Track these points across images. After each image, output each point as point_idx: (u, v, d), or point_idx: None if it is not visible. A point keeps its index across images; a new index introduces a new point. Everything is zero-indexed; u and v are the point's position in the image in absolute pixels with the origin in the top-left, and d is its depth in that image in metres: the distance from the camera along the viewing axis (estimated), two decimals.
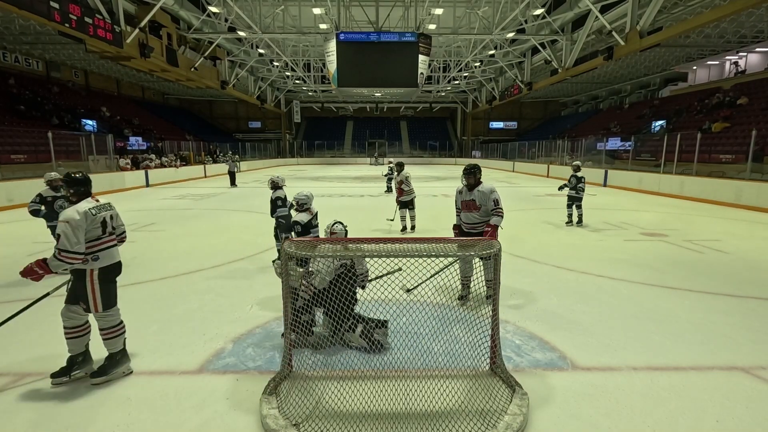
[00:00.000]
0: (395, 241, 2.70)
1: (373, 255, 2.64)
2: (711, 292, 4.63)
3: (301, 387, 2.72)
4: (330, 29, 18.15)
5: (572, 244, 6.99)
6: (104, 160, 16.93)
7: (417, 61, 16.42)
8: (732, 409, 2.58)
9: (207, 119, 43.30)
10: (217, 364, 3.08)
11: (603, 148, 20.12)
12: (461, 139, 45.18)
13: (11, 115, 18.14)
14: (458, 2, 19.24)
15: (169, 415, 2.50)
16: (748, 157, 12.63)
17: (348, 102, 42.99)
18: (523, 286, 4.82)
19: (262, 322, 3.80)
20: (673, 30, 13.59)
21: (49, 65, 24.71)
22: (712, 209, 11.01)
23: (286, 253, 2.71)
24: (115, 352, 2.93)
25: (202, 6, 17.89)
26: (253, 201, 12.83)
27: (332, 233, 3.48)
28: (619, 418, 2.48)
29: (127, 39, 14.05)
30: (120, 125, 24.91)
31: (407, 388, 2.69)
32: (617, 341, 3.45)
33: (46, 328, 3.71)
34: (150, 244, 6.98)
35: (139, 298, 4.46)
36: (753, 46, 21.66)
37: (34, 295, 4.59)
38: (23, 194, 11.42)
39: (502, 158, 33.39)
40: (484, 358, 2.92)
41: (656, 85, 30.26)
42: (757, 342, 3.45)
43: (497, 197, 4.19)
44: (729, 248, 6.69)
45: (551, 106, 44.47)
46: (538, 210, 11.02)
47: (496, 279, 2.84)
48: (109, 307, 2.89)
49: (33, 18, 10.85)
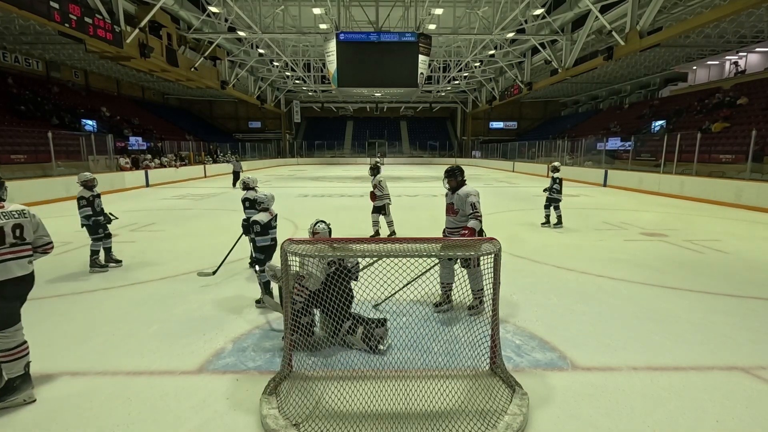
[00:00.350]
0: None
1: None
2: (711, 292, 4.63)
3: (301, 387, 2.72)
4: (330, 29, 18.15)
5: (572, 244, 6.99)
6: (104, 160, 16.92)
7: (417, 61, 16.41)
8: (732, 409, 2.58)
9: (207, 119, 43.30)
10: (217, 364, 3.08)
11: (603, 148, 20.11)
12: (461, 139, 45.18)
13: (11, 115, 18.13)
14: (458, 2, 19.24)
15: (169, 415, 2.50)
16: (748, 157, 12.64)
17: (348, 102, 42.98)
18: (523, 286, 4.82)
19: (262, 322, 3.80)
20: (673, 30, 13.59)
21: (49, 65, 24.70)
22: (712, 209, 11.01)
23: (286, 254, 2.71)
24: (14, 377, 2.58)
25: (202, 6, 17.89)
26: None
27: (314, 233, 3.45)
28: (619, 418, 2.48)
29: (127, 39, 14.05)
30: (120, 125, 24.91)
31: (407, 388, 2.69)
32: (617, 341, 3.45)
33: (45, 328, 3.71)
34: (150, 244, 6.98)
35: (139, 298, 4.46)
36: (753, 46, 21.67)
37: (34, 294, 4.60)
38: (23, 194, 11.42)
39: (502, 158, 33.39)
40: (484, 358, 2.92)
41: (656, 85, 30.26)
42: (757, 342, 3.45)
43: (473, 201, 3.96)
44: (729, 248, 6.69)
45: (551, 106, 44.47)
46: (538, 210, 10.99)
47: (495, 279, 2.84)
48: (5, 326, 2.56)
49: (33, 18, 10.85)
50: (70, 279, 5.10)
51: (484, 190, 15.22)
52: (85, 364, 3.09)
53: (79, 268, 5.56)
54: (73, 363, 3.11)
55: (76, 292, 4.66)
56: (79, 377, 2.92)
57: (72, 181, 13.50)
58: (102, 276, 5.23)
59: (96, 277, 5.16)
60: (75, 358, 3.18)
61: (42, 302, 4.34)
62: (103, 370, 3.00)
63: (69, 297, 4.50)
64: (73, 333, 3.60)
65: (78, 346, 3.36)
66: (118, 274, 5.28)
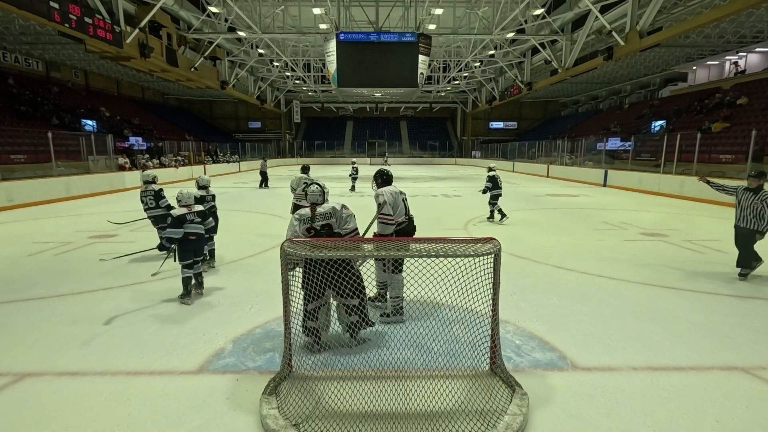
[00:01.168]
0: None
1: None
2: (711, 292, 4.63)
3: (301, 387, 2.72)
4: (330, 29, 18.14)
5: (572, 244, 6.99)
6: (104, 161, 16.92)
7: (417, 61, 16.41)
8: (732, 409, 2.58)
9: (207, 119, 43.31)
10: (217, 364, 3.08)
11: (603, 148, 20.12)
12: (461, 139, 45.18)
13: (11, 115, 18.13)
14: (458, 2, 19.24)
15: (169, 415, 2.50)
16: (748, 157, 12.64)
17: (348, 102, 42.97)
18: (523, 286, 4.82)
19: (262, 322, 3.80)
20: (673, 30, 13.60)
21: (49, 65, 24.70)
22: (712, 209, 11.01)
23: (287, 255, 2.71)
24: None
25: (202, 6, 17.89)
26: (253, 201, 12.83)
27: (307, 194, 3.48)
28: (619, 418, 2.48)
29: (127, 39, 14.05)
30: (120, 125, 24.91)
31: (407, 388, 2.69)
32: (617, 341, 3.45)
33: (46, 328, 3.71)
34: (150, 245, 6.97)
35: (139, 298, 4.46)
36: (753, 46, 21.67)
37: (34, 294, 4.61)
38: (23, 194, 11.43)
39: (502, 158, 33.38)
40: (484, 358, 2.92)
41: (656, 85, 30.27)
42: (757, 342, 3.45)
43: (380, 201, 3.79)
44: (729, 248, 6.66)
45: (551, 106, 44.47)
46: (537, 210, 11.01)
47: (495, 279, 2.84)
48: None
49: (33, 18, 10.85)
50: (70, 279, 5.10)
51: None
52: (85, 364, 3.09)
53: (80, 268, 5.56)
54: (73, 363, 3.11)
55: (76, 292, 4.66)
56: (79, 377, 2.92)
57: (72, 181, 13.58)
58: (102, 276, 5.23)
59: (96, 277, 5.16)
60: (75, 358, 3.18)
61: (42, 302, 4.35)
62: (103, 370, 3.00)
63: (69, 297, 4.50)
64: (73, 333, 3.60)
65: (78, 346, 3.36)
66: (118, 274, 5.27)
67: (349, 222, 3.46)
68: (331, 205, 3.45)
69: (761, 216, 4.82)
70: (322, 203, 3.47)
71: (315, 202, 3.44)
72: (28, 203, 11.43)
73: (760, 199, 4.83)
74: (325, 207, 3.43)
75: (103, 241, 7.14)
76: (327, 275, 3.00)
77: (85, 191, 13.79)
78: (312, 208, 3.42)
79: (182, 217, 4.23)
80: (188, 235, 4.24)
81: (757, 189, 4.91)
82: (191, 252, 4.29)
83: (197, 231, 4.31)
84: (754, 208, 4.87)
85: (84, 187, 13.82)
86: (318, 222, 3.38)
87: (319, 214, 3.38)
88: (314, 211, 3.39)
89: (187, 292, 4.30)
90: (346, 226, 3.46)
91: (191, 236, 4.27)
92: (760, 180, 4.95)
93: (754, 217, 4.87)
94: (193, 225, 4.28)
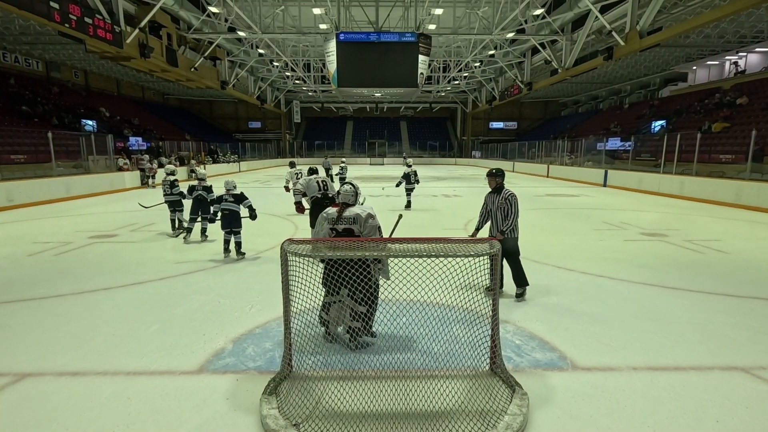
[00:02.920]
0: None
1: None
2: (711, 292, 4.63)
3: (301, 387, 2.72)
4: (330, 29, 18.16)
5: (572, 244, 6.99)
6: (104, 161, 16.92)
7: (417, 61, 16.42)
8: (732, 409, 2.57)
9: (207, 119, 43.30)
10: (217, 364, 3.08)
11: (603, 148, 20.12)
12: (461, 139, 45.19)
13: (11, 115, 18.14)
14: (458, 2, 19.24)
15: (169, 415, 2.50)
16: (748, 157, 12.63)
17: (348, 102, 42.99)
18: None
19: (262, 322, 3.80)
20: (673, 30, 13.60)
21: (49, 65, 24.69)
22: (712, 209, 11.01)
23: (286, 254, 2.71)
24: None
25: (202, 6, 17.89)
26: (253, 201, 12.79)
27: (339, 194, 3.52)
28: (619, 418, 2.48)
29: (127, 39, 14.05)
30: (120, 125, 24.92)
31: (407, 388, 2.69)
32: (617, 341, 3.45)
33: (46, 328, 3.71)
34: (150, 244, 6.98)
35: (139, 298, 4.46)
36: (753, 46, 21.67)
37: (34, 294, 4.62)
38: (23, 194, 11.43)
39: (502, 158, 33.39)
40: (484, 358, 2.92)
41: (656, 85, 30.26)
42: (757, 342, 3.45)
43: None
44: (729, 248, 6.69)
45: (551, 106, 44.47)
46: (538, 210, 11.01)
47: (496, 279, 2.84)
48: None
49: (33, 18, 10.86)
50: (70, 279, 5.10)
51: (484, 190, 15.20)
52: (85, 364, 3.09)
53: (80, 268, 5.57)
54: (73, 363, 3.10)
55: (76, 292, 4.66)
56: (79, 377, 2.92)
57: (72, 181, 13.58)
58: (102, 276, 5.23)
59: (96, 277, 5.16)
60: (75, 358, 3.18)
61: (42, 302, 4.35)
62: (103, 370, 3.00)
63: (69, 297, 4.50)
64: (73, 333, 3.60)
65: (78, 346, 3.36)
66: (118, 274, 5.28)
67: (371, 235, 3.37)
68: (357, 211, 3.38)
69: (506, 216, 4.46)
70: (354, 204, 3.45)
71: (347, 202, 3.43)
72: (28, 203, 11.42)
73: (504, 198, 4.47)
74: (352, 211, 3.37)
75: (104, 241, 7.14)
76: (343, 274, 3.00)
77: (85, 191, 13.79)
78: (342, 208, 3.39)
79: (219, 197, 6.02)
80: (223, 210, 5.89)
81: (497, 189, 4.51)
82: (227, 222, 5.86)
83: (231, 208, 5.90)
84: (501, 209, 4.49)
85: (84, 187, 13.82)
86: (341, 225, 3.35)
87: (344, 217, 3.35)
88: (342, 212, 3.36)
89: (226, 248, 5.97)
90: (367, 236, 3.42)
91: (225, 211, 5.89)
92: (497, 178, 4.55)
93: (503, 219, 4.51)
94: (227, 203, 5.89)
